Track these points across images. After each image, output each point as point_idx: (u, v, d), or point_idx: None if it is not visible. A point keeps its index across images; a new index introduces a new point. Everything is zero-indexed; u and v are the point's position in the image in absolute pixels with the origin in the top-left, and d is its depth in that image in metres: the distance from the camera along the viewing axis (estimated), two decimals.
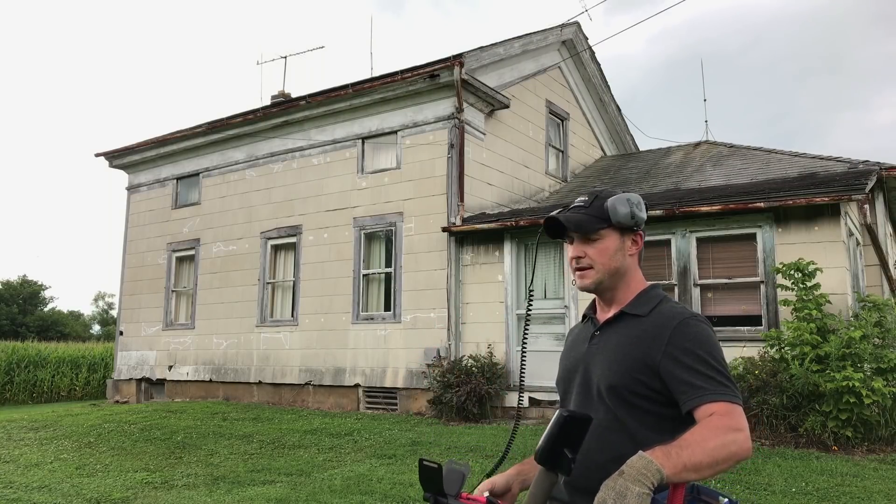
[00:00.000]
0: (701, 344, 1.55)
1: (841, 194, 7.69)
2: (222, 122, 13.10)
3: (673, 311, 1.63)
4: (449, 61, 10.35)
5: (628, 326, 1.66)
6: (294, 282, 12.00)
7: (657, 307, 1.66)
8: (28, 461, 7.16)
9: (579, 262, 1.70)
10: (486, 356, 9.70)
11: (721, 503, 1.50)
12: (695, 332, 1.57)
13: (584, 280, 1.71)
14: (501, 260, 10.08)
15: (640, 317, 1.66)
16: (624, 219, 1.66)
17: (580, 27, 13.71)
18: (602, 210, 1.68)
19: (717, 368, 1.52)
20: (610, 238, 1.68)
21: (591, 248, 1.69)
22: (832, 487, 5.34)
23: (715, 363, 1.53)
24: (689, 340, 1.56)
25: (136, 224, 14.85)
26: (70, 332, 50.09)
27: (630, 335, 1.64)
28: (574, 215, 1.69)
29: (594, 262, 1.68)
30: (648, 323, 1.63)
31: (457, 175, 10.39)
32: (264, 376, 11.96)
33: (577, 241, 1.70)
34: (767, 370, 7.31)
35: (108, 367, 18.41)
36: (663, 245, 8.87)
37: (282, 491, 5.67)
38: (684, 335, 1.57)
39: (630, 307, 1.69)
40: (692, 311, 1.65)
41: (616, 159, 14.89)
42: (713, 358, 1.54)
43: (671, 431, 1.52)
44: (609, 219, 1.67)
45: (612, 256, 1.68)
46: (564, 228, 1.70)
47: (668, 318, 1.61)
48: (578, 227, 1.67)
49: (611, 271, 1.69)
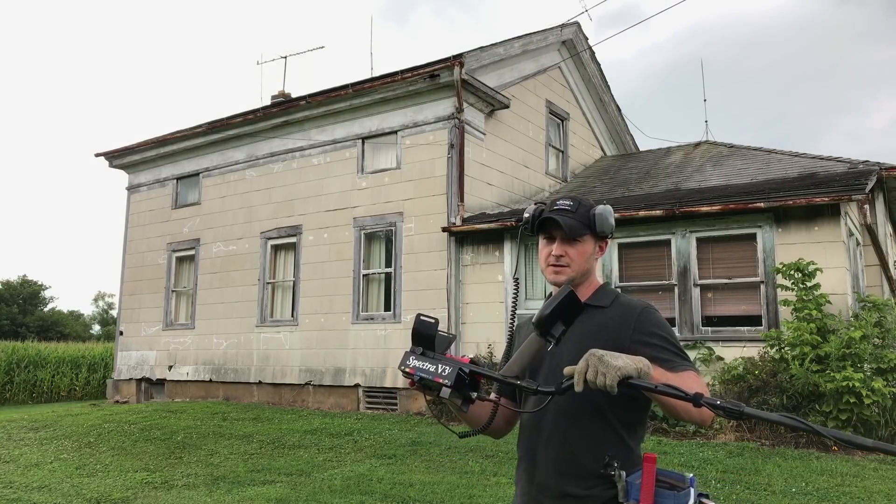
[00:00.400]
0: (663, 328, 1.79)
1: (841, 194, 7.69)
2: (222, 122, 13.10)
3: (632, 303, 1.85)
4: (449, 61, 10.35)
5: (592, 317, 1.81)
6: (294, 282, 12.00)
7: (616, 300, 1.87)
8: (28, 461, 7.16)
9: (559, 259, 1.86)
10: (487, 356, 9.70)
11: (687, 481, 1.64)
12: (656, 318, 1.80)
13: (560, 276, 1.87)
14: (501, 260, 10.08)
15: (602, 308, 1.85)
16: (606, 229, 1.86)
17: (580, 27, 13.71)
18: (587, 218, 1.86)
19: (679, 349, 1.75)
20: (588, 243, 1.87)
21: (573, 248, 1.86)
22: (832, 487, 5.34)
23: (677, 345, 1.77)
24: (653, 325, 1.77)
25: (136, 224, 14.85)
26: (70, 332, 50.08)
27: (596, 324, 1.80)
28: (568, 220, 1.85)
29: (572, 261, 1.86)
30: (612, 312, 1.82)
31: (457, 175, 10.39)
32: (264, 376, 11.96)
33: (561, 241, 1.87)
34: (767, 370, 7.32)
35: (108, 367, 18.41)
36: (663, 245, 8.87)
37: (282, 491, 5.67)
38: (649, 321, 1.78)
39: (592, 300, 1.87)
40: (647, 302, 1.87)
41: (616, 159, 14.89)
42: (675, 341, 1.78)
43: (639, 409, 1.77)
44: (593, 226, 1.86)
45: (587, 259, 1.88)
46: (552, 227, 1.87)
47: (630, 308, 1.82)
48: (571, 231, 1.83)
49: (583, 271, 1.88)
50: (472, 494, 5.39)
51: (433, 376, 1.57)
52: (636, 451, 1.74)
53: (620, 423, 1.73)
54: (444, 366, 1.57)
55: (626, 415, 1.73)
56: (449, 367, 1.57)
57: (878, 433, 6.85)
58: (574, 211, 1.86)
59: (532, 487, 1.80)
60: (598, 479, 1.67)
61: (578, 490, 1.70)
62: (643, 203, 9.30)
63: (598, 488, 1.67)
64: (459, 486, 5.68)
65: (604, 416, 1.72)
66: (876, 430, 6.84)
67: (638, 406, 1.75)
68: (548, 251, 1.88)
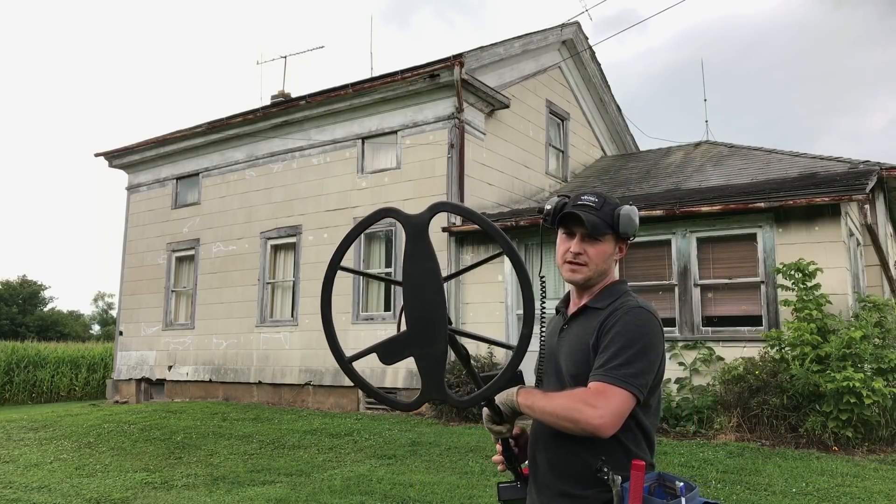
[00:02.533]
0: (628, 329, 1.66)
1: (841, 194, 7.68)
2: (222, 122, 13.10)
3: (625, 305, 1.73)
4: (449, 61, 10.34)
5: (588, 318, 1.79)
6: (294, 282, 12.00)
7: (615, 301, 1.77)
8: (28, 461, 7.15)
9: (578, 257, 1.79)
10: (487, 356, 9.69)
11: (677, 486, 1.59)
12: (630, 318, 1.68)
13: (577, 275, 1.80)
14: (502, 260, 10.07)
15: (599, 310, 1.78)
16: (629, 230, 1.78)
17: (580, 27, 13.71)
18: (611, 217, 1.77)
19: (628, 355, 1.62)
20: (609, 243, 1.80)
21: (592, 247, 1.79)
22: (832, 488, 5.33)
23: (630, 349, 1.63)
24: (621, 325, 1.67)
25: (135, 224, 14.84)
26: (70, 332, 50.03)
27: (587, 326, 1.77)
28: (591, 217, 1.76)
29: (590, 260, 1.79)
30: (603, 314, 1.75)
31: (457, 175, 10.39)
32: (264, 376, 11.96)
33: (581, 238, 1.79)
34: (768, 370, 7.31)
35: (107, 367, 18.41)
36: (664, 245, 8.86)
37: (282, 491, 5.67)
38: (620, 321, 1.68)
39: (593, 301, 1.81)
40: (644, 304, 1.74)
41: (616, 159, 14.88)
42: (630, 343, 1.64)
43: (632, 416, 1.66)
44: (616, 226, 1.77)
45: (606, 259, 1.81)
46: (573, 223, 1.78)
47: (616, 309, 1.73)
48: (593, 229, 1.75)
49: (600, 271, 1.81)
50: (472, 495, 5.39)
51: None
52: (641, 456, 1.68)
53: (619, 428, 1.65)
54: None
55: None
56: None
57: (879, 433, 6.85)
58: (598, 208, 1.77)
59: (535, 487, 1.82)
60: (596, 481, 1.66)
61: (576, 490, 1.70)
62: (643, 203, 9.29)
63: (595, 490, 1.66)
64: (459, 486, 5.68)
65: None
66: (876, 430, 6.83)
67: (634, 412, 1.67)
68: (566, 247, 1.81)
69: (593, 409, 1.56)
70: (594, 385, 1.61)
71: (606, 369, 1.62)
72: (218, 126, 13.17)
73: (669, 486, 1.60)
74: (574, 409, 1.58)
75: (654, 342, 1.68)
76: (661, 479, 1.63)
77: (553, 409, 1.61)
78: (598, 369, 1.64)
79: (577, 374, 1.73)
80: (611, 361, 1.63)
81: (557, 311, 1.98)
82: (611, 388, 1.59)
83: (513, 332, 9.86)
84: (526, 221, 9.69)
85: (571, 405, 1.59)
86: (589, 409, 1.57)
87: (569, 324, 1.86)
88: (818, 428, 6.80)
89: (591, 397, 1.59)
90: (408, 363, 8.23)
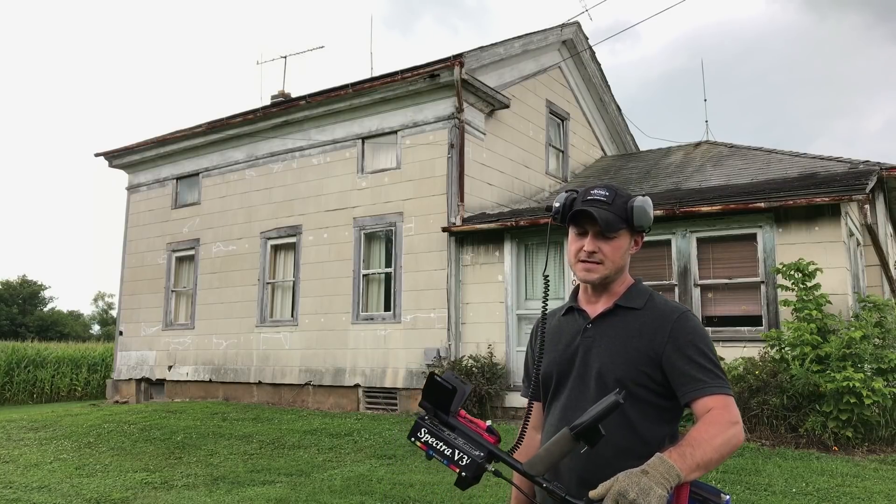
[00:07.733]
0: (701, 338, 1.64)
1: (841, 194, 7.68)
2: (222, 122, 13.09)
3: (668, 306, 1.71)
4: (449, 61, 10.34)
5: (626, 319, 1.70)
6: (294, 282, 12.00)
7: (650, 300, 1.73)
8: (28, 461, 7.15)
9: (592, 255, 1.69)
10: (487, 356, 9.69)
11: (723, 500, 1.52)
12: (693, 325, 1.66)
13: (592, 274, 1.71)
14: (501, 260, 10.07)
15: (636, 310, 1.70)
16: (644, 223, 1.69)
17: (580, 27, 13.70)
18: (625, 211, 1.68)
19: (714, 362, 1.61)
20: (624, 238, 1.71)
21: (607, 244, 1.69)
22: (832, 488, 5.33)
23: (713, 356, 1.62)
24: (689, 333, 1.63)
25: (135, 224, 14.84)
26: (70, 332, 50.07)
27: (630, 328, 1.68)
28: (604, 213, 1.66)
29: (606, 258, 1.69)
30: (646, 316, 1.68)
31: (457, 175, 10.38)
32: (264, 376, 11.96)
33: (594, 235, 1.69)
34: (768, 370, 7.31)
35: (107, 367, 18.41)
36: (663, 245, 8.86)
37: (282, 491, 5.67)
38: (685, 329, 1.64)
39: (624, 300, 1.73)
40: (684, 306, 1.73)
41: (616, 159, 14.88)
42: (710, 351, 1.63)
43: (669, 423, 1.65)
44: (630, 220, 1.69)
45: (622, 255, 1.72)
46: (586, 220, 1.69)
47: (666, 312, 1.68)
48: (607, 226, 1.66)
49: (617, 268, 1.72)
50: (472, 495, 5.38)
51: (449, 462, 1.47)
52: None
53: (652, 437, 1.62)
54: (462, 453, 1.46)
55: (656, 429, 1.64)
56: (467, 457, 1.46)
57: (879, 433, 6.85)
58: (610, 203, 1.67)
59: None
60: None
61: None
62: None
63: None
64: None
65: (634, 430, 1.62)
66: (876, 430, 6.84)
67: (670, 417, 1.66)
68: (579, 245, 1.71)
69: (738, 424, 1.52)
70: (719, 400, 1.54)
71: (716, 381, 1.58)
72: (218, 126, 13.17)
73: (699, 493, 1.51)
74: (732, 436, 1.49)
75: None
76: (697, 488, 1.54)
77: (721, 453, 1.46)
78: (704, 382, 1.57)
79: (621, 378, 1.63)
80: (711, 372, 1.59)
81: (569, 309, 1.84)
82: (729, 399, 1.57)
83: (512, 333, 9.86)
84: (526, 221, 9.69)
85: (728, 435, 1.48)
86: (737, 426, 1.51)
87: (595, 324, 1.74)
88: (818, 428, 6.80)
89: (731, 415, 1.53)
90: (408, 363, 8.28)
